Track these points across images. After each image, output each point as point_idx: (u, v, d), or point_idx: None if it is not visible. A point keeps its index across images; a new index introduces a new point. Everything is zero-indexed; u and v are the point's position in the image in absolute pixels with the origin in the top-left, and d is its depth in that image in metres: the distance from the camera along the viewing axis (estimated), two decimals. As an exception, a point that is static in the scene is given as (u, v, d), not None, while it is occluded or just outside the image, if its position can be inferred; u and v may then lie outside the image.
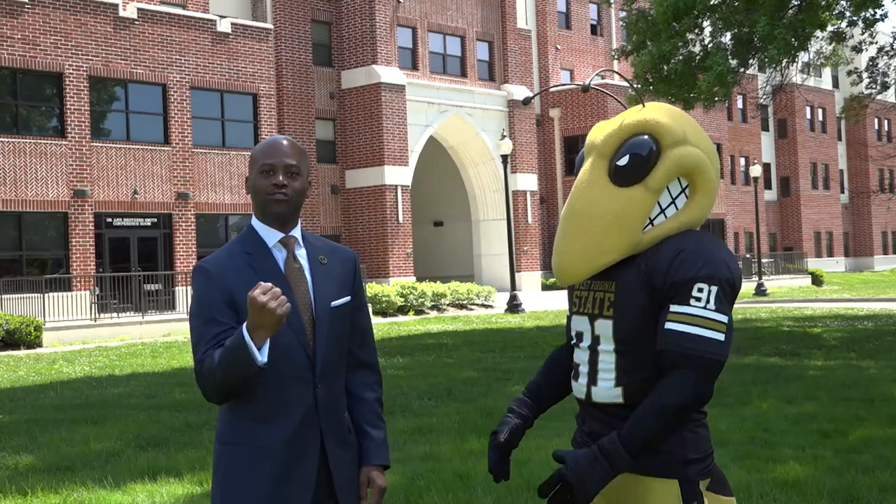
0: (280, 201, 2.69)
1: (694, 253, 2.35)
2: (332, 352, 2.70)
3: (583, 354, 2.52)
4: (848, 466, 6.49)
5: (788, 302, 31.20)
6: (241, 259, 2.69)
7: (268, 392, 2.63)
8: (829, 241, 60.25)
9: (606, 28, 45.77)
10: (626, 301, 2.40)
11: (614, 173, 2.42)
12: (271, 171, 2.69)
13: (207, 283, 2.66)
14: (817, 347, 14.86)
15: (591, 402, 2.48)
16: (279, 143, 2.73)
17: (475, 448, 7.52)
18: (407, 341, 18.90)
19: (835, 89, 62.22)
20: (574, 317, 2.57)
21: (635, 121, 2.45)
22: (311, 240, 2.81)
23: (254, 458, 2.64)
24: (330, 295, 2.72)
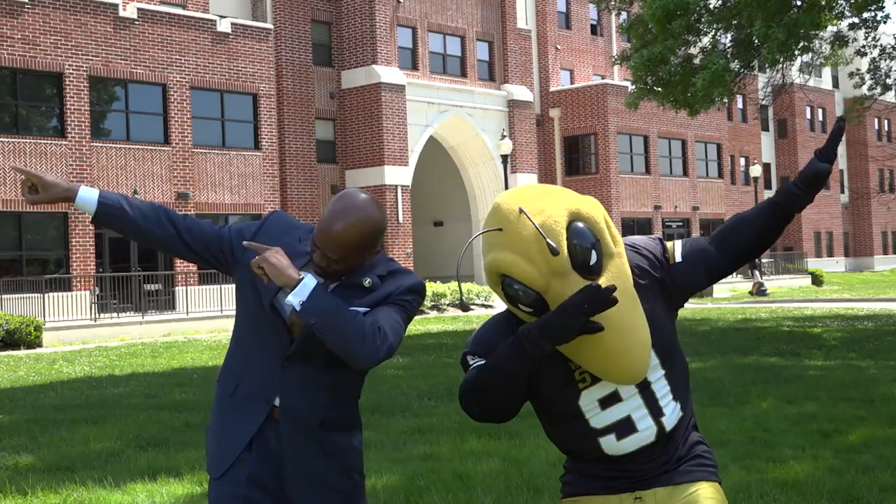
0: (318, 273, 2.72)
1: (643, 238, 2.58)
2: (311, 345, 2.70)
3: (629, 403, 2.47)
4: (848, 466, 6.48)
5: (788, 302, 31.19)
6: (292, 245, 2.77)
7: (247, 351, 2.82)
8: (829, 242, 60.23)
9: (606, 28, 45.74)
10: (656, 320, 2.46)
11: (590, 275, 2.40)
12: (317, 248, 2.69)
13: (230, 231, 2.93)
14: (817, 347, 14.84)
15: (664, 435, 2.49)
16: (328, 230, 2.64)
17: (475, 448, 7.49)
18: (407, 341, 18.83)
19: (835, 89, 62.20)
20: (586, 392, 2.47)
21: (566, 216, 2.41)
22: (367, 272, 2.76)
23: (217, 401, 2.87)
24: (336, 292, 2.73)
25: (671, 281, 2.50)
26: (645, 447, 2.48)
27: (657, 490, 2.49)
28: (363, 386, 2.92)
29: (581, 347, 2.38)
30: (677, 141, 44.96)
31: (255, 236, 2.82)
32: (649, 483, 2.49)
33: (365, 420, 9.09)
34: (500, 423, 2.51)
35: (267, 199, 29.81)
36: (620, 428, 2.47)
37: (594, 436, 2.48)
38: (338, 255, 2.66)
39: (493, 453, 7.29)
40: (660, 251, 2.52)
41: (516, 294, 2.39)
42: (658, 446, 2.49)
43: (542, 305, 2.38)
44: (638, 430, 2.46)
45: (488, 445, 7.60)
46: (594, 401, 2.47)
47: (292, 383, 2.73)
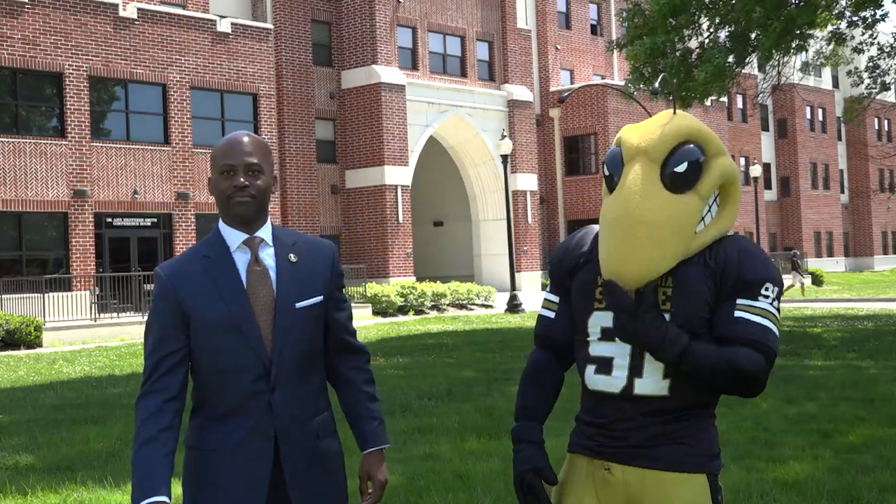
0: (242, 202, 2.60)
1: (755, 255, 2.47)
2: (292, 356, 2.61)
3: (619, 347, 2.48)
4: (848, 466, 6.46)
5: (788, 302, 31.11)
6: (199, 263, 2.63)
7: (222, 399, 2.62)
8: (829, 241, 60.18)
9: (606, 28, 45.70)
10: (686, 295, 2.44)
11: (670, 180, 2.45)
12: (231, 172, 2.60)
13: (160, 292, 2.61)
14: (817, 347, 14.81)
15: (630, 395, 2.46)
16: (239, 140, 2.63)
17: (475, 448, 7.48)
18: (407, 341, 18.83)
19: (835, 89, 62.19)
20: (599, 313, 2.53)
21: (685, 127, 2.49)
22: (282, 238, 2.70)
23: (210, 462, 2.62)
24: (296, 295, 2.63)
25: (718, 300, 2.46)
26: (610, 398, 2.48)
27: (627, 468, 2.46)
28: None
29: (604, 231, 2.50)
30: (677, 141, 44.83)
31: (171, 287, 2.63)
32: (622, 457, 2.46)
33: (365, 420, 9.16)
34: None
35: (267, 198, 29.76)
36: (601, 364, 2.50)
37: (585, 362, 2.54)
38: (258, 159, 2.61)
39: (494, 453, 7.28)
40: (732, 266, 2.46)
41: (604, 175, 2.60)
42: (624, 407, 2.47)
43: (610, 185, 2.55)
44: (611, 374, 2.48)
45: (488, 445, 7.59)
46: (599, 326, 2.52)
47: (282, 406, 2.62)
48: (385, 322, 26.15)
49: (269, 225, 2.69)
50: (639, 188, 2.45)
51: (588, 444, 2.53)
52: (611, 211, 2.48)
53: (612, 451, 2.48)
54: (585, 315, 2.55)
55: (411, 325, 24.67)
